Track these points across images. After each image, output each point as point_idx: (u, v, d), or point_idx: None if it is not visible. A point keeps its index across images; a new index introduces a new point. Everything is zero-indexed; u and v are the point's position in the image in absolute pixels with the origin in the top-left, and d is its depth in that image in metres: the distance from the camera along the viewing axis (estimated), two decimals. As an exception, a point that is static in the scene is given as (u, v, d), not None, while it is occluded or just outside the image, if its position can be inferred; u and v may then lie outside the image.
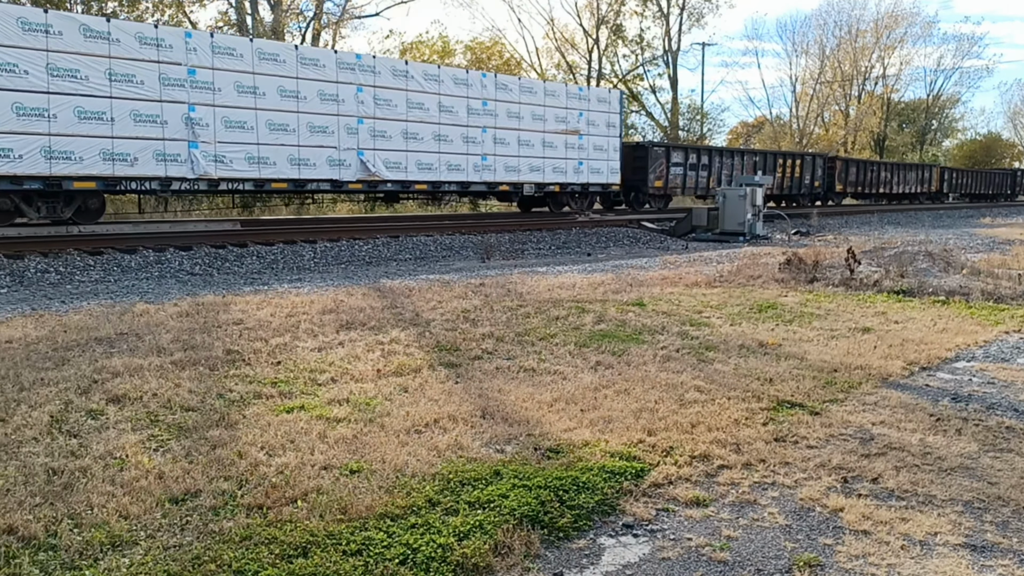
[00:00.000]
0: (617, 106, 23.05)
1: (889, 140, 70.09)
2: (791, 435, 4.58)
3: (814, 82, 66.38)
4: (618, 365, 6.06)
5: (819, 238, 19.44)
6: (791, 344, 6.97)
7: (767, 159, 30.76)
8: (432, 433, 4.43)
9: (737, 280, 10.92)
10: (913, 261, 11.44)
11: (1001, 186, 55.11)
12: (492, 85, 19.36)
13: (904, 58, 69.33)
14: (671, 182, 25.64)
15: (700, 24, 56.05)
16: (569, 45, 53.22)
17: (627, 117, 55.63)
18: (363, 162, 16.56)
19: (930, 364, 6.39)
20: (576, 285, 10.12)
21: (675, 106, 54.94)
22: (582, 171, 21.79)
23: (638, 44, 54.80)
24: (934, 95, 73.77)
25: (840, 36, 66.62)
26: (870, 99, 67.18)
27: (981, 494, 3.72)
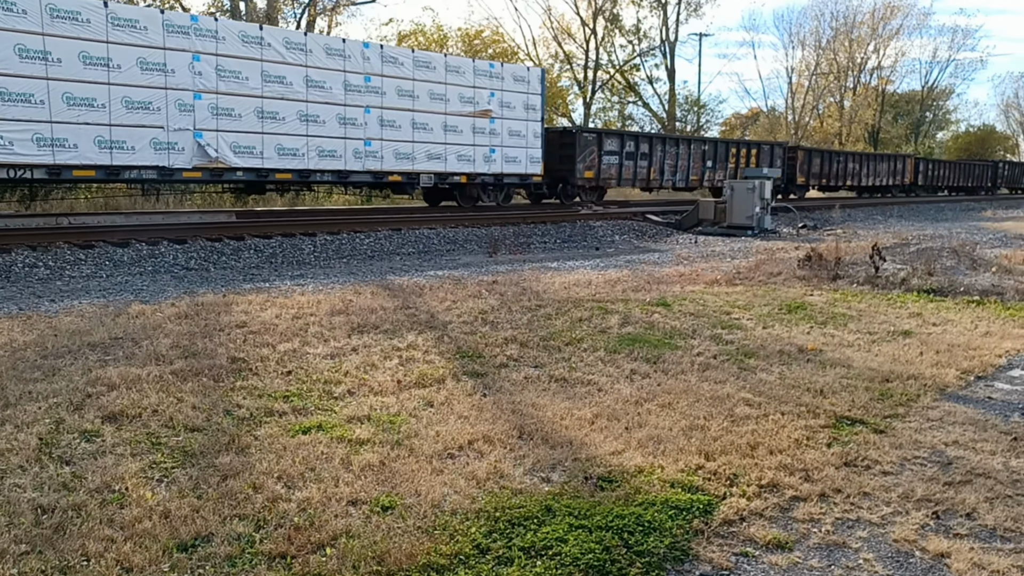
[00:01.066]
0: (537, 85, 20.32)
1: (883, 132, 69.82)
2: (861, 459, 4.14)
3: (810, 73, 66.01)
4: (655, 374, 5.62)
5: (828, 232, 19.03)
6: (832, 349, 6.54)
7: (718, 148, 28.34)
8: (467, 458, 3.98)
9: (757, 277, 10.49)
10: (938, 258, 11.04)
11: (981, 178, 51.15)
12: (377, 58, 16.70)
13: (899, 50, 69.02)
14: (604, 172, 23.10)
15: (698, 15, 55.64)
16: (566, 34, 52.63)
17: (624, 108, 55.29)
18: (201, 146, 14.02)
19: (985, 373, 5.97)
20: (592, 282, 9.67)
21: (672, 97, 54.43)
22: (495, 160, 19.29)
23: (635, 34, 54.27)
24: (928, 87, 73.58)
25: (836, 27, 66.24)
26: (865, 91, 66.88)
27: (1098, 534, 3.30)
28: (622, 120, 54.66)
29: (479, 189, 19.87)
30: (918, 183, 43.62)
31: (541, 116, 20.47)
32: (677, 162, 25.91)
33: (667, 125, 52.08)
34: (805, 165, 33.12)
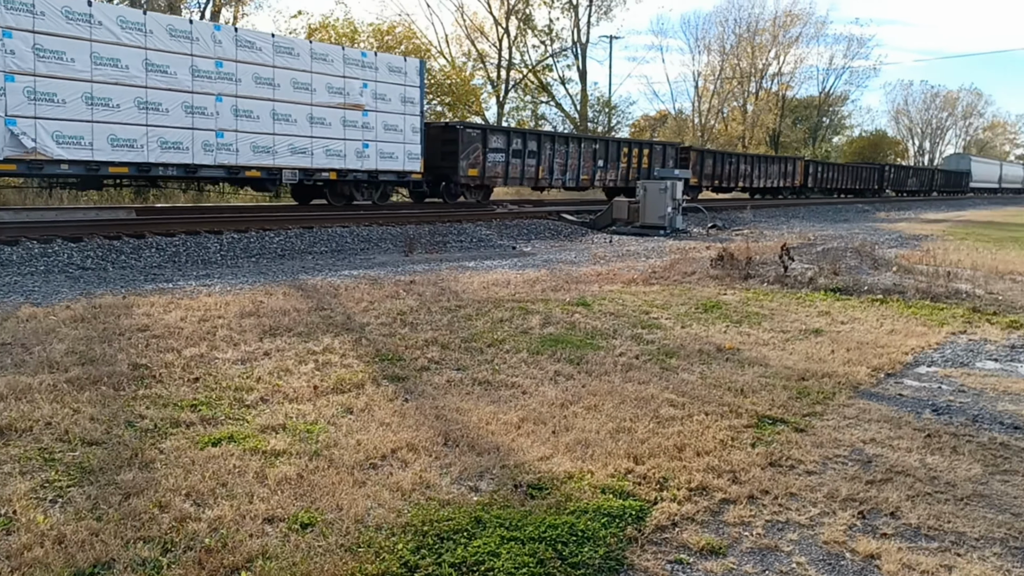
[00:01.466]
0: (416, 77, 18.89)
1: (784, 136, 72.42)
2: (785, 458, 4.17)
3: (715, 78, 67.97)
4: (579, 375, 5.56)
5: (736, 232, 19.53)
6: (749, 348, 6.63)
7: (609, 147, 27.21)
8: (391, 468, 3.80)
9: (672, 277, 10.62)
10: (842, 258, 11.43)
11: (869, 181, 51.90)
12: (230, 41, 14.96)
13: (799, 57, 71.77)
14: (490, 170, 21.75)
15: (608, 17, 56.35)
16: (479, 33, 52.55)
17: (537, 108, 55.57)
18: (15, 134, 12.26)
19: (894, 370, 6.15)
20: (511, 282, 9.58)
21: (584, 98, 55.08)
22: (368, 155, 17.84)
23: (547, 35, 54.63)
24: (825, 93, 76.62)
25: (739, 34, 68.38)
26: (767, 96, 69.23)
27: (1012, 530, 3.38)
28: (535, 120, 54.95)
29: (352, 186, 18.48)
30: (808, 185, 44.03)
31: (420, 110, 19.14)
32: (567, 161, 24.86)
33: (579, 126, 52.65)
34: (698, 166, 32.74)
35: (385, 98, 18.19)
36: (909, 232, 21.36)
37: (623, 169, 27.70)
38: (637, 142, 30.94)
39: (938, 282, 10.07)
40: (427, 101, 39.55)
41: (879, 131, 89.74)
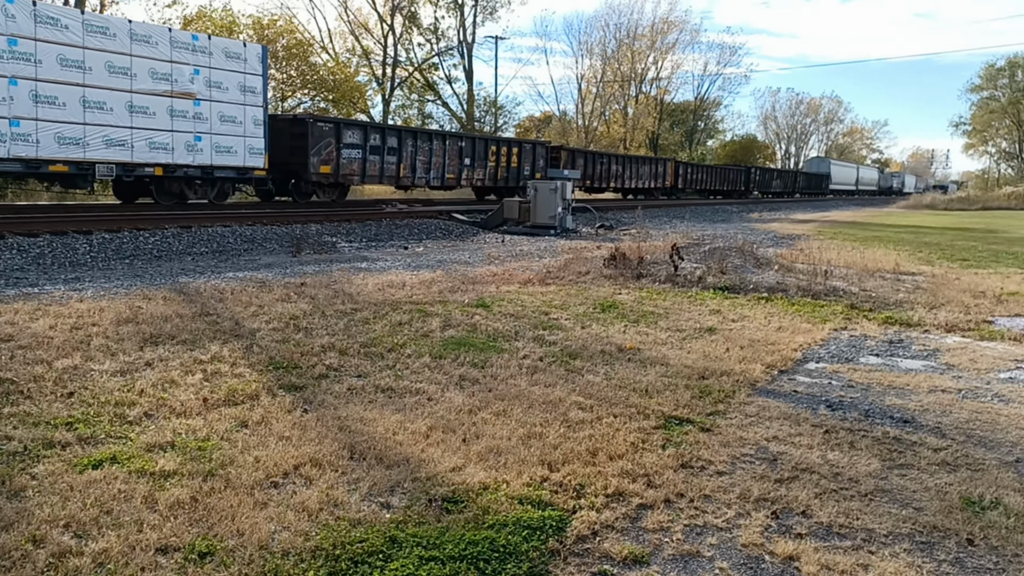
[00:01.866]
0: (258, 64, 17.33)
1: (662, 139, 74.77)
2: (695, 459, 4.18)
3: (597, 81, 69.40)
4: (484, 379, 5.43)
5: (624, 232, 19.90)
6: (648, 348, 6.69)
7: (476, 145, 26.38)
8: (295, 486, 3.56)
9: (568, 277, 10.66)
10: (727, 257, 11.79)
11: (736, 182, 53.38)
12: (27, 17, 13.09)
13: (675, 63, 73.95)
14: (344, 167, 20.45)
15: (493, 18, 56.55)
16: (364, 29, 51.68)
17: (424, 106, 55.19)
18: None
19: (786, 367, 6.33)
20: (407, 284, 9.35)
21: (471, 97, 55.16)
22: (201, 149, 16.15)
23: (433, 33, 54.41)
24: (700, 98, 79.52)
25: (620, 39, 70.04)
26: (646, 100, 71.21)
27: (917, 524, 3.48)
28: (422, 118, 54.55)
29: (182, 184, 16.77)
30: (679, 186, 44.63)
31: (264, 100, 17.48)
32: (431, 158, 23.76)
33: (466, 125, 52.62)
34: (568, 166, 32.10)
35: (221, 86, 16.55)
36: (783, 232, 22.37)
37: (491, 168, 26.98)
38: (506, 140, 30.33)
39: (817, 280, 10.52)
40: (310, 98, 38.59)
41: (750, 135, 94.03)
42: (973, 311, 9.14)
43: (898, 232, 24.86)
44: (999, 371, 6.43)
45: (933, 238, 22.36)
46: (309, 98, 38.27)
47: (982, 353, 7.05)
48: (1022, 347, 7.38)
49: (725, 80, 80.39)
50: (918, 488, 3.90)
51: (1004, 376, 6.28)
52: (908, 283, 11.58)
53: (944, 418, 5.08)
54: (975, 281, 11.99)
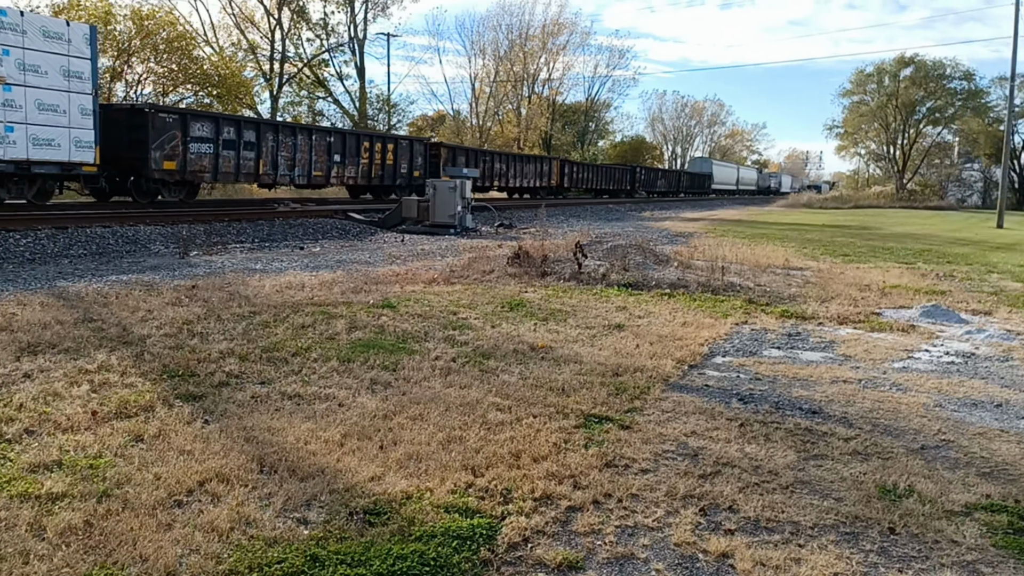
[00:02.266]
0: (84, 47, 15.14)
1: (555, 139, 75.67)
2: (619, 458, 4.12)
3: (490, 81, 69.57)
4: (397, 383, 5.23)
5: (523, 230, 19.94)
6: (560, 346, 6.64)
7: (347, 140, 24.38)
8: (201, 504, 3.29)
9: (472, 276, 10.52)
10: (628, 255, 11.94)
11: (622, 181, 52.91)
12: None
13: (567, 64, 74.90)
14: (193, 163, 18.35)
15: (385, 15, 55.73)
16: (249, 23, 49.93)
17: (314, 104, 53.85)
18: None
19: (695, 362, 6.40)
20: (306, 285, 9.00)
21: (363, 95, 54.15)
22: (14, 142, 13.90)
23: (323, 28, 53.06)
24: (591, 99, 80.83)
25: (512, 39, 70.40)
26: (539, 100, 71.85)
27: (840, 515, 3.53)
28: (312, 115, 53.19)
29: None
30: (564, 185, 43.43)
31: (93, 87, 15.41)
32: (295, 154, 21.78)
33: (359, 123, 51.64)
34: (450, 163, 30.10)
35: (39, 70, 14.31)
36: (676, 230, 22.95)
37: (364, 165, 25.14)
38: (380, 136, 28.42)
39: (715, 276, 10.78)
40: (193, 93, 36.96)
41: (639, 136, 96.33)
42: (861, 303, 9.55)
43: (782, 229, 25.93)
44: (893, 361, 6.70)
45: (815, 235, 23.44)
46: (192, 93, 36.67)
47: (875, 344, 7.34)
48: (910, 337, 7.73)
49: (614, 82, 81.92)
50: (835, 479, 3.96)
51: (898, 366, 6.54)
52: (798, 277, 12.03)
53: (849, 408, 5.22)
54: (858, 275, 12.57)
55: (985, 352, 7.14)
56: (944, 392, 5.70)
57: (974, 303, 9.83)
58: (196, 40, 41.78)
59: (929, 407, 5.29)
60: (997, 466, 4.21)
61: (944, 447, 4.51)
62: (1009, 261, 16.55)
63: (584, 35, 76.38)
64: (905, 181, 72.63)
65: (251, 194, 28.81)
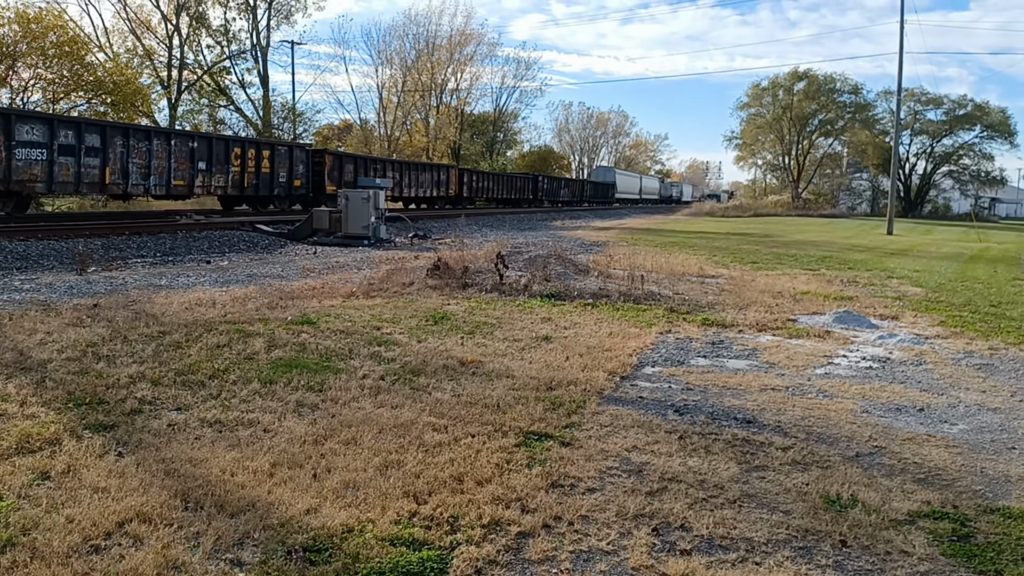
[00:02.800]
0: None
1: (464, 149, 75.68)
2: (564, 477, 4.01)
3: (398, 91, 69.04)
4: (325, 404, 4.99)
5: (438, 241, 19.73)
6: (490, 360, 6.49)
7: (214, 146, 22.02)
8: (122, 548, 2.99)
9: (391, 288, 10.27)
10: (548, 265, 11.90)
11: (523, 191, 50.85)
12: None
13: (474, 74, 74.97)
14: (20, 172, 16.03)
15: (289, 22, 54.21)
16: (145, 28, 47.97)
17: (215, 112, 52.12)
18: None
19: (626, 373, 6.36)
20: (218, 302, 8.57)
21: (267, 103, 52.78)
22: None
23: (224, 35, 51.55)
24: (499, 110, 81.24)
25: (419, 49, 70.08)
26: (447, 110, 71.75)
27: (790, 529, 3.50)
28: (213, 124, 51.48)
29: None
30: (464, 195, 41.57)
31: None
32: (151, 161, 19.35)
33: (263, 132, 50.29)
34: (335, 172, 28.10)
35: None
36: (589, 239, 23.17)
37: (235, 174, 22.66)
38: (254, 141, 26.02)
39: (635, 286, 10.85)
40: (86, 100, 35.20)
41: (547, 146, 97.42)
42: (776, 310, 9.78)
43: (690, 238, 26.54)
44: (815, 367, 6.84)
45: (722, 243, 24.08)
46: (85, 101, 34.91)
47: (795, 350, 7.49)
48: (827, 343, 7.93)
49: (522, 93, 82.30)
50: (779, 490, 3.96)
51: (820, 372, 6.68)
52: (712, 285, 12.26)
53: (782, 416, 5.27)
54: (769, 282, 12.92)
55: (899, 356, 7.38)
56: (868, 398, 5.83)
57: (881, 308, 10.21)
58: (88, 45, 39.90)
59: (857, 413, 5.39)
60: (931, 472, 4.30)
61: (878, 454, 4.58)
62: (905, 266, 17.35)
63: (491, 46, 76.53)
64: (800, 190, 75.81)
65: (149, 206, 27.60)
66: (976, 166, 75.13)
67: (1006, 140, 72.82)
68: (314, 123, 58.26)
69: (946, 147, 74.41)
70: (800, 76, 74.81)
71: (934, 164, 75.15)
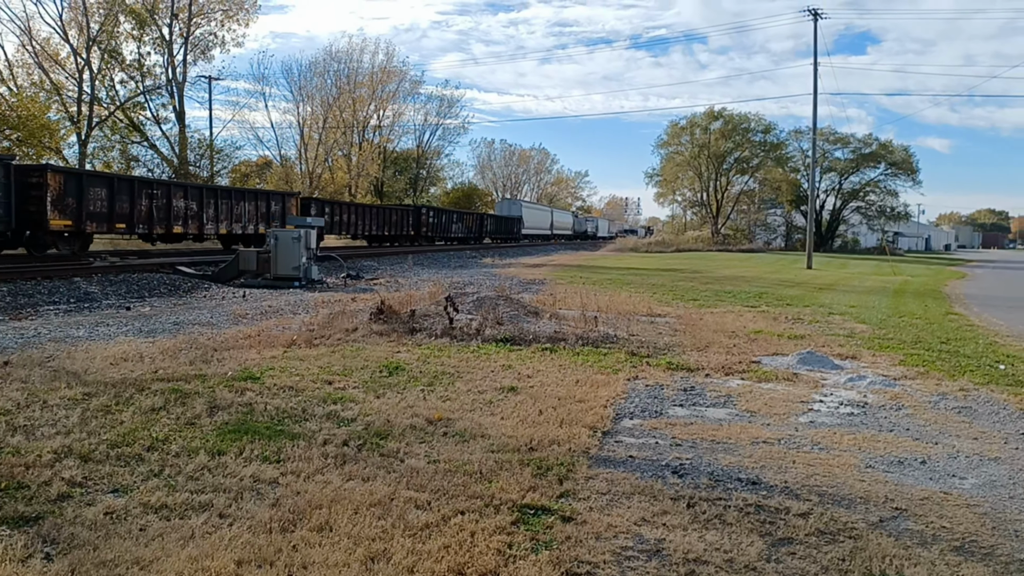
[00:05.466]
0: None
1: (387, 186, 75.02)
2: (578, 564, 3.52)
3: (320, 128, 68.05)
4: (285, 479, 4.37)
5: (371, 281, 19.05)
6: (459, 417, 5.96)
7: None
8: None
9: (335, 335, 9.61)
10: (497, 307, 11.43)
11: (400, 225, 43.97)
12: None
13: (397, 112, 74.59)
14: None
15: (207, 57, 52.65)
16: (53, 61, 45.89)
17: (128, 149, 50.07)
18: None
19: (607, 428, 5.93)
20: (146, 355, 7.78)
21: (183, 140, 51.06)
22: None
23: (138, 70, 49.75)
24: (422, 147, 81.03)
25: (341, 85, 69.39)
26: (369, 147, 71.08)
27: (850, 616, 3.09)
28: (126, 162, 49.42)
29: None
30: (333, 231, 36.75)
31: None
32: None
33: (179, 169, 48.57)
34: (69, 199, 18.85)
35: None
36: (526, 277, 22.80)
37: None
38: None
39: (589, 328, 10.48)
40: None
41: (471, 183, 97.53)
42: (736, 352, 9.53)
43: (624, 275, 26.49)
44: (797, 415, 6.54)
45: (656, 279, 24.07)
46: (-12, 136, 33.00)
47: (770, 396, 7.19)
48: (797, 387, 7.67)
49: (445, 130, 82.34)
50: (818, 570, 3.55)
51: (804, 420, 6.37)
52: (663, 325, 11.99)
53: (786, 475, 4.90)
54: (718, 320, 12.74)
55: (875, 400, 7.16)
56: (865, 449, 5.53)
57: (837, 347, 10.08)
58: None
59: (861, 468, 5.07)
60: (965, 539, 3.96)
61: (901, 517, 4.23)
62: (838, 301, 17.54)
63: (414, 83, 75.97)
64: (719, 226, 77.64)
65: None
66: (882, 202, 78.46)
67: (909, 177, 76.38)
68: (233, 159, 56.70)
69: (853, 184, 77.51)
70: (716, 116, 77.02)
71: (843, 200, 78.07)
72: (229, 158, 55.47)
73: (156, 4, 48.73)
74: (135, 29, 48.65)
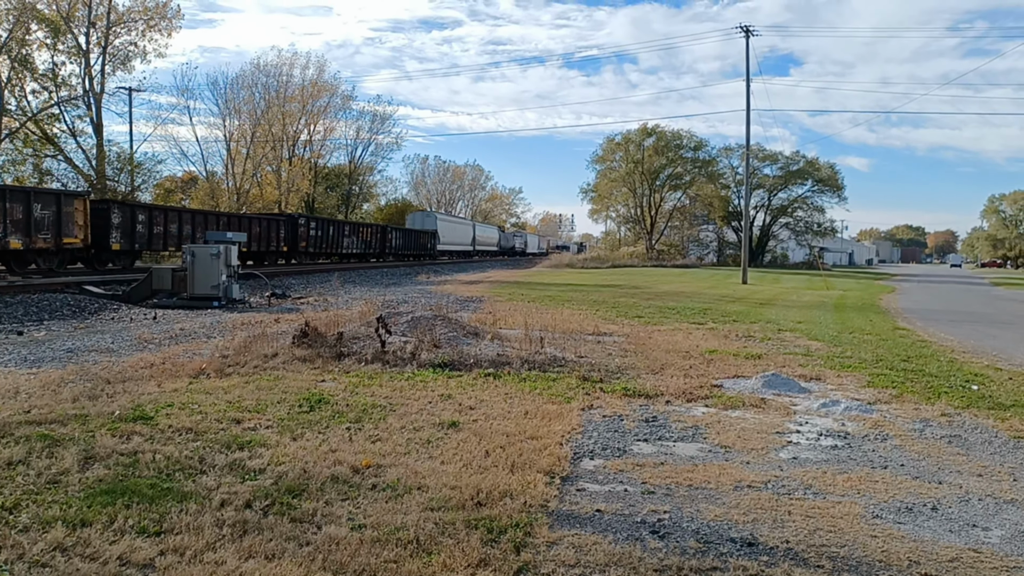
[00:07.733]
0: None
1: (318, 202, 73.17)
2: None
3: (248, 142, 66.00)
4: (164, 560, 3.37)
5: (299, 300, 17.87)
6: (391, 463, 5.02)
7: None
8: None
9: (251, 362, 8.54)
10: (434, 327, 10.49)
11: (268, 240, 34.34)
12: None
13: (328, 127, 72.68)
14: None
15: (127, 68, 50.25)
16: (-44, 69, 43.15)
17: (41, 162, 47.39)
18: None
19: (565, 472, 5.08)
20: (22, 390, 6.61)
21: (101, 153, 48.58)
22: None
23: (52, 80, 47.19)
24: (354, 163, 79.45)
25: (270, 99, 67.51)
26: (300, 162, 69.31)
27: None
28: (39, 175, 46.74)
29: None
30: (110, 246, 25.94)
31: None
32: None
33: (97, 183, 46.15)
34: None
35: None
36: (462, 294, 21.88)
37: None
38: None
39: (534, 349, 9.63)
40: None
41: (404, 199, 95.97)
42: (694, 374, 8.81)
43: (563, 291, 25.79)
44: (776, 449, 5.79)
45: (597, 295, 23.42)
46: None
47: (741, 427, 6.44)
48: (768, 415, 6.95)
49: (377, 146, 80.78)
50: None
51: (786, 457, 5.63)
52: (612, 345, 11.24)
53: (784, 530, 4.10)
54: (667, 339, 12.05)
55: (855, 429, 6.47)
56: (864, 493, 4.79)
57: (799, 367, 9.46)
58: None
59: (868, 519, 4.32)
60: (1023, 615, 3.22)
61: (935, 586, 3.48)
62: (784, 317, 17.13)
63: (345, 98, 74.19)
64: (654, 242, 78.08)
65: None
66: (809, 217, 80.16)
67: (835, 193, 78.22)
68: (155, 174, 54.32)
69: (782, 200, 78.99)
70: (649, 132, 77.56)
71: (772, 216, 79.45)
72: (151, 173, 53.14)
73: (72, 12, 46.42)
74: (48, 37, 46.22)
